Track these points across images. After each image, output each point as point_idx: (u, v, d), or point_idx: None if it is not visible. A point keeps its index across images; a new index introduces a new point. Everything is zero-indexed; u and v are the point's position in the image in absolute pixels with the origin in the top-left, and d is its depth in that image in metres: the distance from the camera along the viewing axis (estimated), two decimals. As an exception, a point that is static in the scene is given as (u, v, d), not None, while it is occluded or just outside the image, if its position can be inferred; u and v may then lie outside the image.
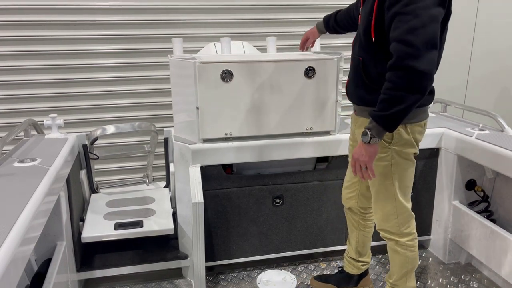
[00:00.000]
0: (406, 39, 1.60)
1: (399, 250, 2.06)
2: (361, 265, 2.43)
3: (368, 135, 1.72)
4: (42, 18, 3.24)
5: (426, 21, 1.59)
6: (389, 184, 1.95)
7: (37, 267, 1.96)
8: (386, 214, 2.02)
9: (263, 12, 3.63)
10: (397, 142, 1.87)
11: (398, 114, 1.66)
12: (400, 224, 2.02)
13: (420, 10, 1.59)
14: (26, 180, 1.75)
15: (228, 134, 2.42)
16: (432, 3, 1.61)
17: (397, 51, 1.62)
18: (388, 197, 1.98)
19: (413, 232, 2.06)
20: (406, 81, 1.61)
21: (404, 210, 2.01)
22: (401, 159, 1.91)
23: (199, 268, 2.40)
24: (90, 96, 3.46)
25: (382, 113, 1.68)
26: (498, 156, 2.30)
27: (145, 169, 3.16)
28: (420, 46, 1.59)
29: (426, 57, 1.60)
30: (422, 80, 1.61)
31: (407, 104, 1.64)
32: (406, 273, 2.11)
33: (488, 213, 2.68)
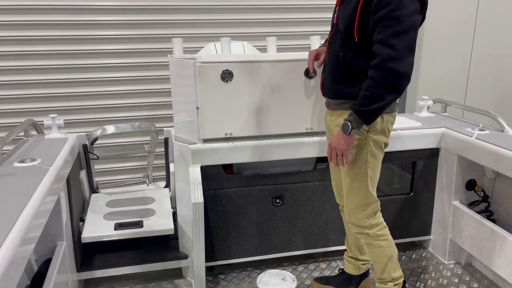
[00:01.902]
0: (390, 43, 1.74)
1: (373, 242, 2.12)
2: (361, 264, 2.43)
3: (349, 126, 1.85)
4: (42, 18, 3.24)
5: (408, 27, 1.74)
6: (363, 175, 2.03)
7: (37, 267, 1.96)
8: (357, 205, 2.08)
9: (263, 12, 3.63)
10: (374, 130, 1.97)
11: (377, 109, 1.82)
12: (368, 215, 2.08)
13: (404, 17, 1.73)
14: (26, 180, 1.75)
15: (228, 134, 2.42)
16: (414, 11, 1.76)
17: (381, 53, 1.75)
18: (360, 187, 2.05)
19: (380, 221, 2.13)
20: (388, 81, 1.76)
21: (373, 201, 2.08)
22: (375, 149, 2.00)
23: (199, 268, 2.40)
24: (90, 96, 3.46)
25: (363, 108, 1.82)
26: (498, 156, 2.30)
27: (145, 169, 3.16)
28: (402, 50, 1.73)
29: (407, 60, 1.75)
30: (402, 81, 1.77)
31: (386, 101, 1.80)
32: (387, 263, 2.15)
33: (488, 213, 2.68)
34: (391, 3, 1.73)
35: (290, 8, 3.67)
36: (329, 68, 2.05)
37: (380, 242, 2.12)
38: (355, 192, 2.07)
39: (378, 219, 2.13)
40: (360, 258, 2.42)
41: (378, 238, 2.11)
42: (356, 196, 2.07)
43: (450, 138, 2.66)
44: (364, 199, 2.06)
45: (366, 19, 1.83)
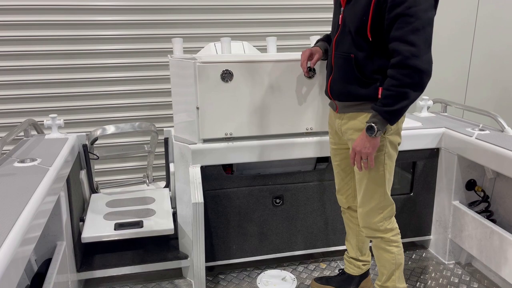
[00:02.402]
0: (409, 39, 1.71)
1: (386, 247, 2.09)
2: (362, 265, 2.43)
3: (374, 128, 1.82)
4: (42, 18, 3.24)
5: (425, 23, 1.72)
6: (380, 177, 1.99)
7: (37, 267, 1.96)
8: (373, 208, 2.04)
9: (263, 12, 3.63)
10: (390, 131, 1.95)
11: (402, 108, 1.79)
12: (384, 219, 2.05)
13: (420, 13, 1.71)
14: (26, 180, 1.75)
15: (228, 134, 2.42)
16: (429, 6, 1.74)
17: (401, 51, 1.73)
18: (377, 190, 2.01)
19: (395, 226, 2.10)
20: (410, 79, 1.73)
21: (389, 204, 2.05)
22: (392, 150, 1.98)
23: (199, 268, 2.40)
24: (90, 96, 3.46)
25: (388, 108, 1.79)
26: (498, 156, 2.30)
27: (145, 169, 3.16)
28: (422, 46, 1.72)
29: (426, 57, 1.74)
30: (424, 77, 1.74)
31: (411, 99, 1.78)
32: (395, 272, 2.12)
33: (488, 213, 2.68)
34: (407, 0, 1.71)
35: (290, 8, 3.67)
36: (338, 70, 1.99)
37: (392, 248, 2.09)
38: (371, 195, 2.03)
39: (394, 224, 2.10)
40: (360, 258, 2.42)
41: (391, 243, 2.08)
42: (372, 199, 2.03)
43: (450, 138, 2.66)
44: (381, 202, 2.02)
45: (379, 18, 1.80)
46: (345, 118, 2.04)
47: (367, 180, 2.02)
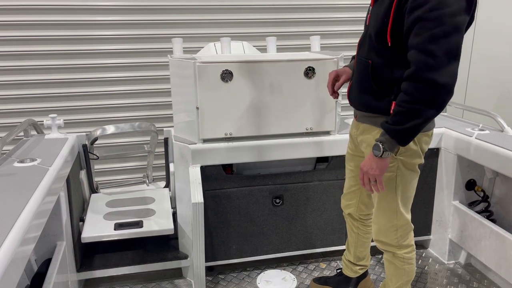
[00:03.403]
0: (427, 48, 1.50)
1: (396, 263, 1.98)
2: (359, 269, 2.39)
3: (380, 149, 1.64)
4: (42, 18, 3.24)
5: (450, 30, 1.49)
6: (392, 197, 1.87)
7: (37, 267, 1.96)
8: (386, 227, 1.93)
9: (263, 12, 3.63)
10: (404, 152, 1.78)
11: (414, 128, 1.58)
12: (399, 237, 1.94)
13: (445, 18, 1.48)
14: (26, 180, 1.75)
15: (228, 134, 2.42)
16: (458, 9, 1.50)
17: (417, 61, 1.52)
18: (389, 210, 1.90)
19: (411, 244, 1.97)
20: (424, 95, 1.52)
21: (405, 223, 1.92)
22: (406, 170, 1.82)
23: (199, 268, 2.40)
24: (90, 96, 3.46)
25: (397, 126, 1.59)
26: (498, 156, 2.30)
27: (145, 169, 3.16)
28: (442, 57, 1.49)
29: (448, 69, 1.50)
30: (442, 94, 1.52)
31: (424, 118, 1.56)
32: (402, 285, 2.04)
33: (488, 213, 2.68)
34: (430, 1, 1.48)
35: (290, 8, 3.67)
36: (357, 75, 1.85)
37: (404, 265, 1.98)
38: (383, 213, 1.92)
39: (410, 240, 1.96)
40: (358, 263, 2.38)
41: (404, 260, 1.97)
42: (383, 217, 1.92)
43: (450, 138, 2.66)
44: (393, 220, 1.90)
45: (400, 21, 1.59)
46: (361, 128, 1.92)
47: (378, 199, 1.91)
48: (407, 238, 1.96)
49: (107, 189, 3.12)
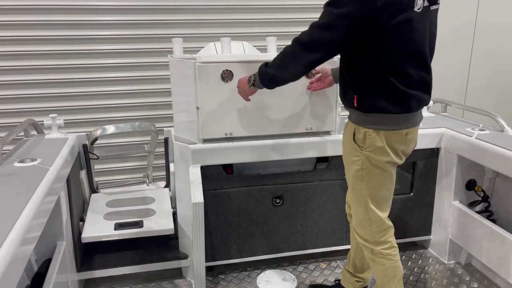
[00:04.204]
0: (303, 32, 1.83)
1: (376, 259, 2.04)
2: (355, 281, 2.35)
3: (251, 81, 2.02)
4: (42, 18, 3.24)
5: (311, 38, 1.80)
6: (359, 190, 1.96)
7: (37, 267, 1.96)
8: (360, 220, 2.02)
9: (263, 12, 3.63)
10: (369, 147, 1.87)
11: (269, 74, 1.93)
12: (374, 232, 2.00)
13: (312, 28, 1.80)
14: (26, 180, 1.75)
15: (228, 134, 2.42)
16: (324, 26, 1.75)
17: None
18: (359, 203, 1.99)
19: (389, 241, 2.02)
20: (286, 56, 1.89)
21: (378, 219, 1.98)
22: (372, 167, 1.89)
23: (199, 268, 2.40)
24: (90, 96, 3.46)
25: (261, 69, 1.96)
26: (498, 156, 2.30)
27: (145, 169, 3.16)
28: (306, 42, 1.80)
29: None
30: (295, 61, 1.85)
31: (277, 72, 1.91)
32: (389, 283, 2.06)
33: (488, 213, 2.68)
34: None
35: (290, 8, 3.67)
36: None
37: (384, 261, 2.02)
38: (356, 207, 2.04)
39: (387, 237, 2.02)
40: (355, 274, 2.35)
41: (382, 256, 2.02)
42: (357, 211, 2.03)
43: (450, 138, 2.66)
44: (365, 214, 1.99)
45: None
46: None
47: (351, 194, 2.05)
48: (384, 235, 2.01)
49: (107, 189, 3.12)
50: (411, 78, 1.78)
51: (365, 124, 1.86)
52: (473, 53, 4.19)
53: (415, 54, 1.77)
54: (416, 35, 1.74)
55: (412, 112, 1.85)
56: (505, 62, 4.26)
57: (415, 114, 1.89)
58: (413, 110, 1.85)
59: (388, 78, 1.76)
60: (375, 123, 1.84)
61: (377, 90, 1.80)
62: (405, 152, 1.95)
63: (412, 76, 1.78)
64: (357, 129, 1.90)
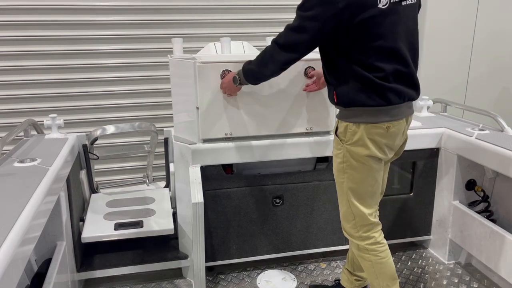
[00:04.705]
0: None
1: (362, 255, 2.07)
2: (354, 280, 2.35)
3: (237, 81, 2.13)
4: (42, 18, 3.24)
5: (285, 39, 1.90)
6: (341, 182, 2.02)
7: (37, 267, 1.96)
8: (344, 213, 2.07)
9: (263, 12, 3.63)
10: (349, 140, 1.92)
11: (251, 70, 2.05)
12: (357, 226, 2.03)
13: (287, 28, 1.90)
14: (26, 180, 1.75)
15: (228, 134, 2.42)
16: (297, 28, 1.85)
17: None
18: (342, 196, 2.05)
19: (372, 236, 2.03)
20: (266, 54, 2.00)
21: (360, 214, 2.00)
22: (352, 160, 1.94)
23: (199, 268, 2.40)
24: (90, 96, 3.46)
25: (245, 66, 2.07)
26: (498, 156, 2.30)
27: (145, 169, 3.16)
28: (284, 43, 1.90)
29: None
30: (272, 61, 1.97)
31: (259, 68, 2.03)
32: (378, 280, 2.06)
33: (488, 213, 2.68)
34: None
35: (290, 8, 3.67)
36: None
37: (370, 256, 2.04)
38: (340, 200, 2.08)
39: (372, 233, 2.03)
40: (353, 273, 2.35)
41: (368, 252, 2.04)
42: (341, 204, 2.08)
43: (450, 138, 2.66)
44: (348, 209, 2.03)
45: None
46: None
47: (336, 187, 2.09)
48: (368, 231, 2.03)
49: (107, 189, 3.12)
50: (384, 71, 1.81)
51: (346, 118, 1.93)
52: (473, 53, 4.19)
53: (386, 49, 1.80)
54: (383, 30, 1.79)
55: (392, 105, 1.87)
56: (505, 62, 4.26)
57: (397, 107, 1.89)
58: (392, 103, 1.86)
59: (362, 72, 1.81)
60: (354, 117, 1.89)
61: (353, 84, 1.85)
62: (391, 147, 1.95)
63: (385, 70, 1.81)
64: (339, 124, 1.97)
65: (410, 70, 1.89)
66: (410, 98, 1.93)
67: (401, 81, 1.86)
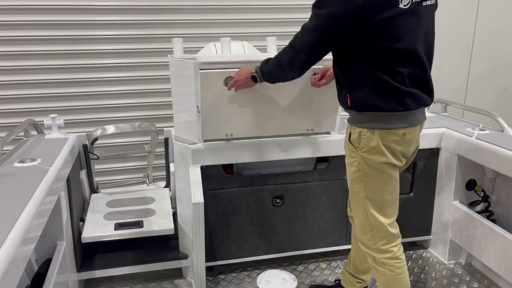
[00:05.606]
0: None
1: (377, 268, 1.98)
2: (356, 282, 2.33)
3: (257, 80, 2.05)
4: (42, 18, 3.24)
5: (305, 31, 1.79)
6: (357, 192, 1.91)
7: (37, 267, 1.96)
8: (361, 224, 1.96)
9: (263, 12, 3.63)
10: (364, 147, 1.83)
11: (269, 70, 1.97)
12: (375, 238, 1.93)
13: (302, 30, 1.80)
14: (26, 180, 1.75)
15: (229, 135, 2.42)
16: (313, 28, 1.75)
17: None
18: (359, 206, 1.94)
19: (391, 250, 1.94)
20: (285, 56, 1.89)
21: (378, 224, 1.91)
22: (368, 168, 1.84)
23: (199, 268, 2.40)
24: (90, 96, 3.46)
25: (264, 65, 2.00)
26: (498, 156, 2.30)
27: (145, 169, 3.16)
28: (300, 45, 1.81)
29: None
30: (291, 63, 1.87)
31: (277, 69, 1.94)
32: None
33: (488, 213, 2.68)
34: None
35: (290, 8, 3.67)
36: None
37: (385, 271, 1.95)
38: (356, 211, 1.98)
39: (391, 247, 1.94)
40: (355, 275, 2.33)
41: (384, 266, 1.94)
42: (357, 215, 1.97)
43: (450, 138, 2.66)
44: (366, 219, 1.92)
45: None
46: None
47: (350, 196, 2.00)
48: (387, 244, 1.93)
49: (107, 189, 3.12)
50: (402, 75, 1.73)
51: (360, 123, 1.83)
52: (473, 53, 4.19)
53: (405, 51, 1.72)
54: (404, 32, 1.70)
55: (408, 110, 1.79)
56: (505, 62, 4.26)
57: (413, 113, 1.83)
58: (409, 108, 1.79)
59: (378, 75, 1.72)
60: (368, 122, 1.80)
61: (369, 87, 1.75)
62: (405, 154, 1.89)
63: (403, 73, 1.73)
64: (352, 129, 1.87)
65: (427, 75, 1.81)
66: (425, 104, 1.86)
67: (417, 86, 1.79)
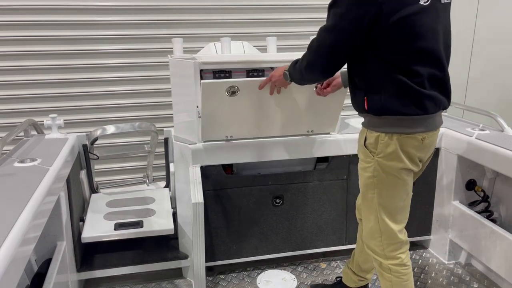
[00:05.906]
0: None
1: (383, 273, 1.94)
2: (358, 279, 2.33)
3: (288, 78, 2.01)
4: (42, 18, 3.24)
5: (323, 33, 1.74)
6: (371, 198, 1.86)
7: (37, 267, 1.96)
8: (371, 229, 1.92)
9: (263, 12, 3.63)
10: (381, 152, 1.77)
11: (297, 70, 1.91)
12: (384, 244, 1.89)
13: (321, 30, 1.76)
14: (26, 180, 1.75)
15: (229, 136, 2.42)
16: (331, 28, 1.70)
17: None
18: (370, 212, 1.89)
19: (399, 257, 1.90)
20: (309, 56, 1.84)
21: (388, 230, 1.86)
22: (384, 174, 1.79)
23: (199, 268, 2.40)
24: (90, 96, 3.46)
25: (293, 66, 1.96)
26: (498, 156, 2.30)
27: (145, 169, 3.16)
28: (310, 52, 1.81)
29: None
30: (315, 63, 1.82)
31: (304, 68, 1.86)
32: None
33: (488, 213, 2.68)
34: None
35: (290, 8, 3.67)
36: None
37: (391, 277, 1.91)
38: (367, 216, 1.93)
39: (398, 254, 1.90)
40: (357, 274, 2.32)
41: (390, 272, 1.91)
42: (368, 220, 1.92)
43: (450, 138, 2.66)
44: (376, 225, 1.88)
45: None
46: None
47: (362, 203, 1.95)
48: (395, 251, 1.90)
49: (107, 189, 3.12)
50: (421, 76, 1.67)
51: (377, 127, 1.76)
52: (473, 53, 4.19)
53: (424, 51, 1.67)
54: (423, 30, 1.64)
55: (428, 114, 1.74)
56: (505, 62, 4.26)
57: (432, 117, 1.77)
58: (428, 112, 1.73)
59: (397, 77, 1.66)
60: (386, 126, 1.73)
61: (388, 90, 1.69)
62: (422, 160, 1.84)
63: (423, 75, 1.67)
64: (368, 134, 1.80)
65: (445, 75, 1.77)
66: (443, 107, 1.81)
67: (436, 87, 1.74)
